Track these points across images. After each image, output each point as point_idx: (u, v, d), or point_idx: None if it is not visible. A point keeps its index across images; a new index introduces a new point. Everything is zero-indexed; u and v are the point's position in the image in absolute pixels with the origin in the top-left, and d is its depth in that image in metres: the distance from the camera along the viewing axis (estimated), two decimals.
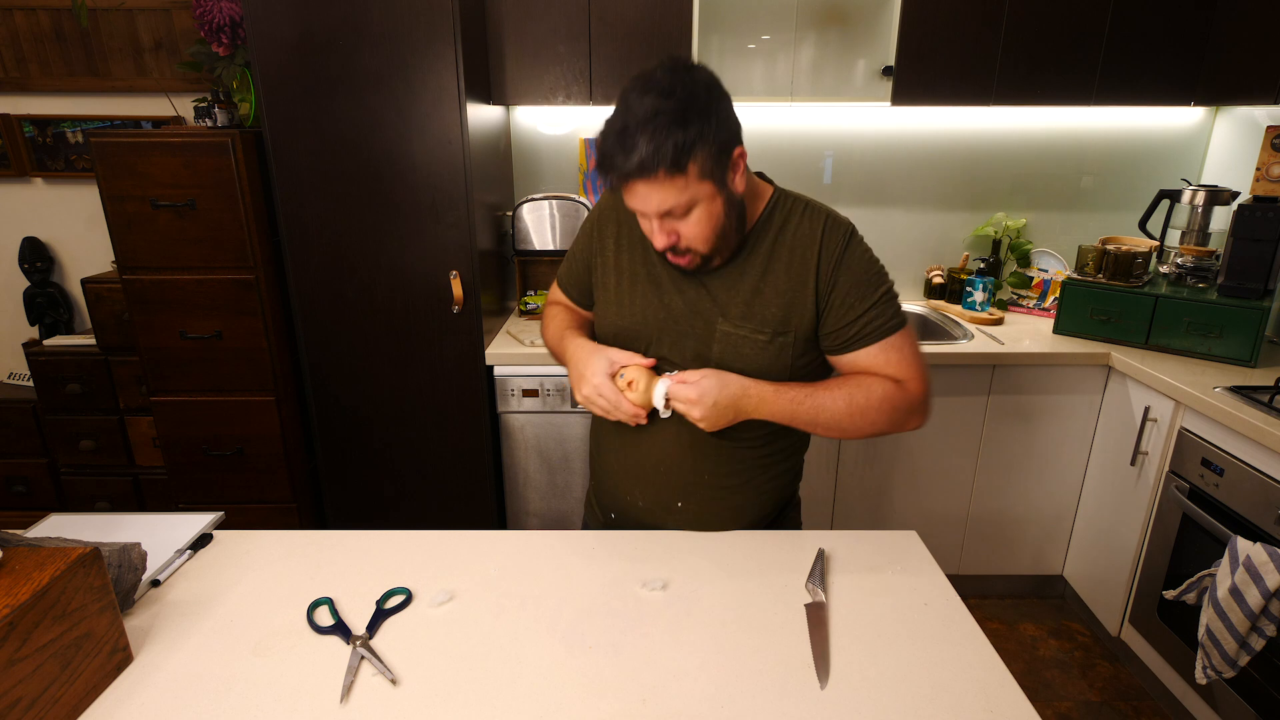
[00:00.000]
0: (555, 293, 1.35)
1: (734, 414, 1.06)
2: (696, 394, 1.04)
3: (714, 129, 0.97)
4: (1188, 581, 1.66)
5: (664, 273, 1.14)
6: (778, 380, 1.10)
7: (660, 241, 1.03)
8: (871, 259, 1.12)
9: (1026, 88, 2.15)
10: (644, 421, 1.11)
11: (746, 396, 1.06)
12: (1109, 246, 2.16)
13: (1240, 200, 2.12)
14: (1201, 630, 1.59)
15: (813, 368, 1.15)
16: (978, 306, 2.39)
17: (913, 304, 2.58)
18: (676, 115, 0.93)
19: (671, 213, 1.00)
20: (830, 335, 1.10)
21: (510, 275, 2.44)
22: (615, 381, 1.09)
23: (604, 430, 1.24)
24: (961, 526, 2.31)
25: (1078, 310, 2.17)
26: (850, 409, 1.07)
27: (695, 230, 1.02)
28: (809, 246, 1.10)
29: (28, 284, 2.56)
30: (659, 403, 1.06)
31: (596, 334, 1.24)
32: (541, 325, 1.34)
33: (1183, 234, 2.24)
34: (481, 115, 2.03)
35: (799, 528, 1.33)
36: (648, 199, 0.99)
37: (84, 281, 2.27)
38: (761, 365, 1.10)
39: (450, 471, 2.19)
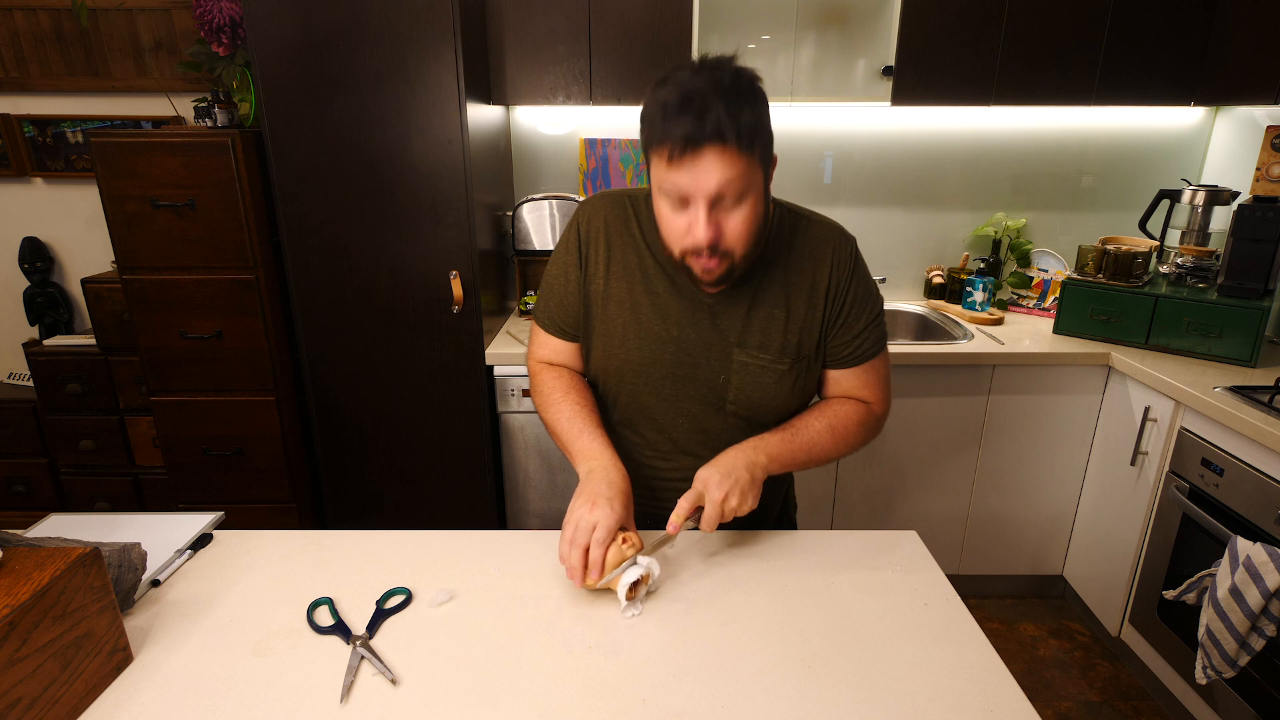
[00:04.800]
0: (542, 346, 1.19)
1: (753, 475, 1.02)
2: (721, 493, 0.98)
3: (769, 120, 0.94)
4: (1188, 581, 1.66)
5: (671, 302, 1.07)
6: (798, 403, 1.12)
7: (705, 235, 0.93)
8: (870, 274, 1.12)
9: (1026, 88, 2.15)
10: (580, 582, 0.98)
11: (756, 454, 1.04)
12: (1109, 246, 2.16)
13: (1240, 200, 2.12)
14: (1201, 630, 1.59)
15: (816, 386, 1.16)
16: (978, 306, 2.39)
17: (913, 304, 2.58)
18: (745, 93, 0.89)
19: (726, 196, 0.91)
20: (828, 351, 1.10)
21: (510, 275, 2.44)
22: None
23: (631, 445, 1.17)
24: (961, 526, 2.31)
25: (1078, 310, 2.17)
26: (835, 442, 1.10)
27: (740, 226, 0.94)
28: (820, 264, 1.06)
29: (28, 284, 2.56)
30: (621, 590, 0.95)
31: (593, 371, 1.15)
32: (534, 390, 1.19)
33: (1183, 234, 2.24)
34: (481, 115, 2.03)
35: (794, 525, 1.34)
36: (712, 171, 0.89)
37: (84, 281, 2.27)
38: (780, 394, 1.09)
39: (450, 471, 2.19)
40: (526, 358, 1.24)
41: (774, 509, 1.26)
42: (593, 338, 1.12)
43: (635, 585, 0.97)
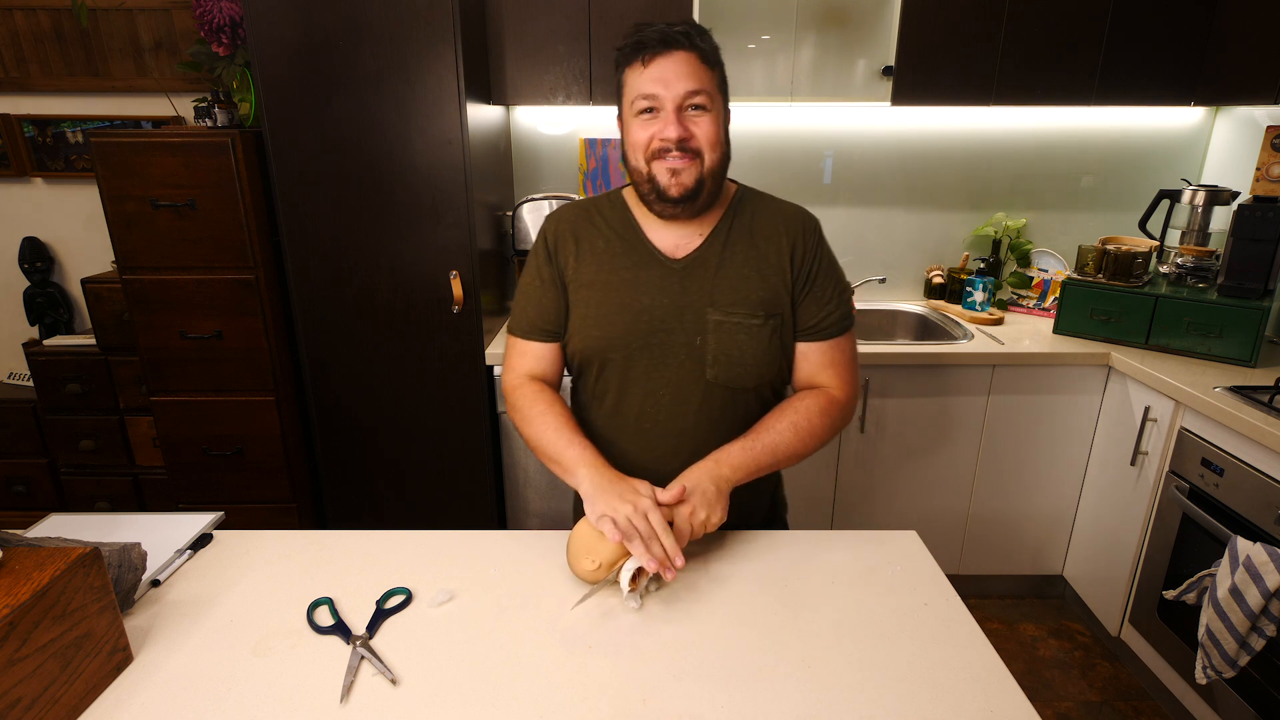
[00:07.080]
0: (522, 356, 1.18)
1: (719, 488, 1.03)
2: (688, 509, 1.00)
3: (724, 71, 1.08)
4: (1188, 581, 1.66)
5: (639, 274, 1.11)
6: (776, 369, 1.13)
7: (675, 130, 1.02)
8: (836, 260, 1.18)
9: (1026, 88, 2.15)
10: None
11: (719, 467, 1.05)
12: (1109, 246, 2.16)
13: (1240, 200, 2.12)
14: (1201, 630, 1.59)
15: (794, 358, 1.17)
16: (978, 306, 2.39)
17: (913, 304, 2.58)
18: (707, 35, 1.06)
19: (697, 96, 1.03)
20: (798, 321, 1.13)
21: (510, 275, 2.44)
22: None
23: (614, 432, 1.17)
24: (961, 526, 2.31)
25: (1078, 310, 2.17)
26: (799, 439, 1.10)
27: (709, 129, 1.04)
28: (784, 233, 1.12)
29: (28, 284, 2.56)
30: (624, 578, 0.96)
31: (574, 354, 1.16)
32: (512, 408, 1.16)
33: (1183, 234, 2.24)
34: (481, 115, 2.03)
35: (785, 525, 1.33)
36: (682, 72, 1.01)
37: (84, 281, 2.27)
38: (758, 352, 1.10)
39: (450, 471, 2.19)
40: (502, 378, 1.23)
41: (760, 510, 1.26)
42: (571, 323, 1.15)
43: (637, 576, 0.97)
